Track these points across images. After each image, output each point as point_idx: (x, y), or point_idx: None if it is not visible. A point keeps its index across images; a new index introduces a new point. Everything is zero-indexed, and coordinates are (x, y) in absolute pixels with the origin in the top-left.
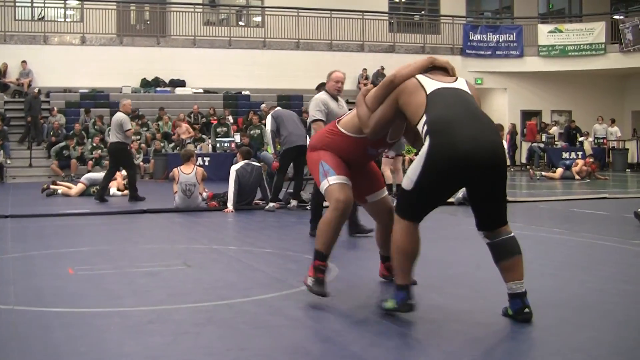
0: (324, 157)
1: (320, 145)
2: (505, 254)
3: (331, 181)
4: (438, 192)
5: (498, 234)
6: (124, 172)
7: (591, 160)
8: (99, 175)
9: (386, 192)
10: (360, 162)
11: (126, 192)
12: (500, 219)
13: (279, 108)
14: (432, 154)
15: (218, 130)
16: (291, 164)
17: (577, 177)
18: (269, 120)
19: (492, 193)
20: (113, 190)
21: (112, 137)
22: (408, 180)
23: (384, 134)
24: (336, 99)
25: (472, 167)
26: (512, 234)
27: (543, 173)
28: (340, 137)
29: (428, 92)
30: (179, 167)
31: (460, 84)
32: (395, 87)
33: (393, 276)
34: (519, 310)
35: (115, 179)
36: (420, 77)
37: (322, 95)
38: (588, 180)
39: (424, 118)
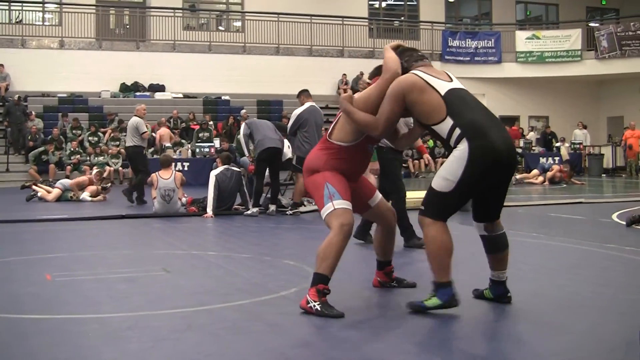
0: (329, 179)
1: (322, 166)
2: (500, 247)
3: (336, 205)
4: (475, 191)
5: (496, 227)
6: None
7: (565, 167)
8: (68, 180)
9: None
10: (363, 166)
11: (99, 197)
12: (500, 212)
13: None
14: (476, 155)
15: (200, 135)
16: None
17: (546, 182)
18: (242, 127)
19: (504, 188)
20: (84, 195)
21: (129, 141)
22: (447, 182)
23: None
24: None
25: (505, 166)
26: (504, 229)
27: (518, 176)
28: (338, 150)
29: (443, 93)
30: (157, 173)
31: (459, 83)
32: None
33: (433, 276)
34: (502, 295)
35: (86, 185)
36: (421, 74)
37: None
38: (564, 185)
39: (452, 121)
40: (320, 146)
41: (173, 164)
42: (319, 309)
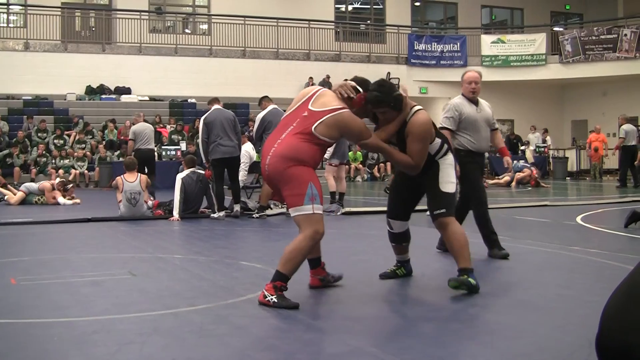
0: (314, 179)
1: (309, 160)
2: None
3: (316, 210)
4: None
5: None
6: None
7: (536, 173)
8: (34, 185)
9: None
10: None
11: (77, 200)
12: None
13: (217, 107)
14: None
15: (173, 137)
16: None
17: (513, 183)
18: (200, 128)
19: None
20: (61, 199)
21: (148, 145)
22: (453, 184)
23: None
24: (475, 102)
25: None
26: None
27: (490, 181)
28: (323, 145)
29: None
30: (122, 176)
31: None
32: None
33: (461, 263)
34: (411, 270)
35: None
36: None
37: (457, 99)
38: (530, 188)
39: (439, 140)
40: (303, 137)
41: (135, 167)
42: (275, 301)
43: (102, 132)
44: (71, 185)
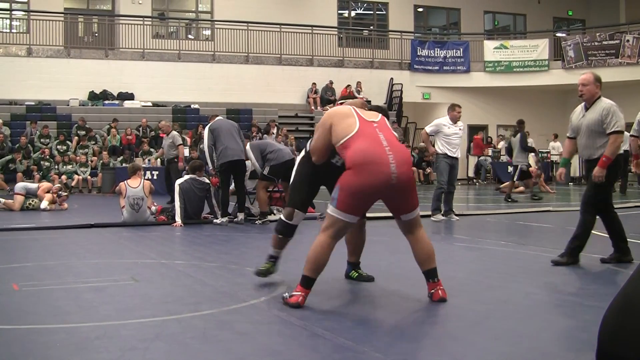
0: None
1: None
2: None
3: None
4: None
5: None
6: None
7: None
8: (33, 185)
9: None
10: None
11: (65, 206)
12: None
13: (219, 118)
14: None
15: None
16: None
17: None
18: (206, 135)
19: None
20: (44, 204)
21: (171, 154)
22: None
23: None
24: (589, 106)
25: None
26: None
27: (501, 186)
28: None
29: None
30: (125, 181)
31: None
32: None
33: None
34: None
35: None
36: None
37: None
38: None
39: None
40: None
41: (141, 172)
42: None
43: (107, 133)
44: (65, 194)
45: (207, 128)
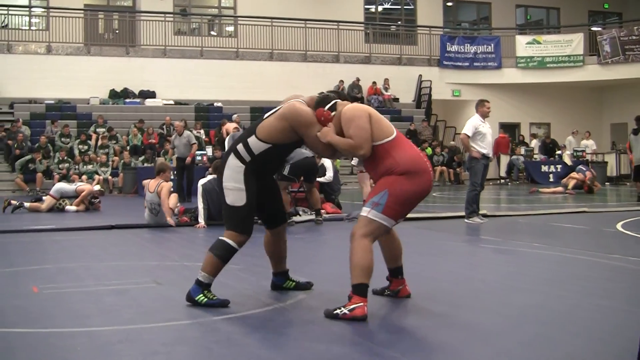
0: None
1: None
2: None
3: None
4: None
5: None
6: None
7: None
8: (70, 186)
9: None
10: None
11: (81, 207)
12: None
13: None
14: None
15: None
16: None
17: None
18: (228, 141)
19: None
20: (71, 208)
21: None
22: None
23: None
24: None
25: None
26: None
27: (544, 190)
28: None
29: None
30: (148, 181)
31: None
32: None
33: None
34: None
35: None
36: None
37: None
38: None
39: None
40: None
41: (166, 174)
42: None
43: (128, 134)
44: (98, 200)
45: (230, 136)
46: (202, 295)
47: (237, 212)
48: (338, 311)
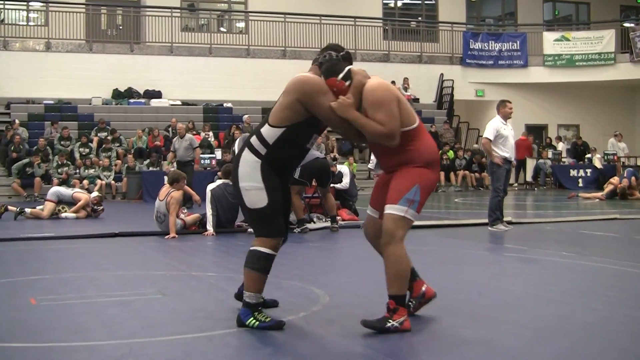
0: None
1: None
2: None
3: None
4: None
5: None
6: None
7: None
8: (67, 191)
9: None
10: None
11: (81, 213)
12: None
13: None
14: None
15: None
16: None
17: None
18: (238, 143)
19: None
20: (70, 215)
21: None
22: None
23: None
24: None
25: None
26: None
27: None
28: None
29: None
30: (162, 188)
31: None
32: None
33: None
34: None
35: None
36: None
37: None
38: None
39: None
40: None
41: (180, 184)
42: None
43: (131, 139)
44: (101, 208)
45: (239, 138)
46: (252, 318)
47: (260, 214)
48: (389, 324)
